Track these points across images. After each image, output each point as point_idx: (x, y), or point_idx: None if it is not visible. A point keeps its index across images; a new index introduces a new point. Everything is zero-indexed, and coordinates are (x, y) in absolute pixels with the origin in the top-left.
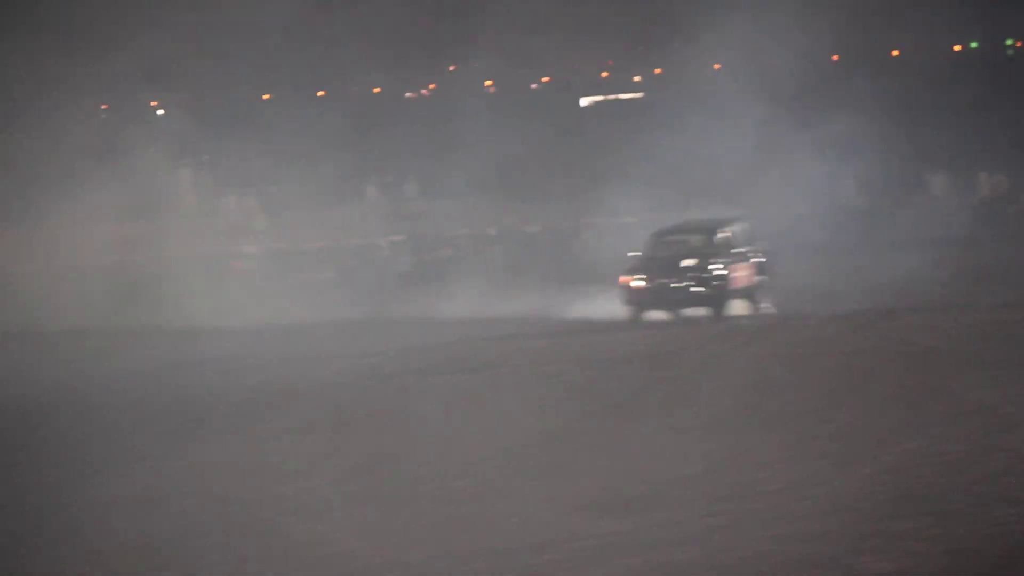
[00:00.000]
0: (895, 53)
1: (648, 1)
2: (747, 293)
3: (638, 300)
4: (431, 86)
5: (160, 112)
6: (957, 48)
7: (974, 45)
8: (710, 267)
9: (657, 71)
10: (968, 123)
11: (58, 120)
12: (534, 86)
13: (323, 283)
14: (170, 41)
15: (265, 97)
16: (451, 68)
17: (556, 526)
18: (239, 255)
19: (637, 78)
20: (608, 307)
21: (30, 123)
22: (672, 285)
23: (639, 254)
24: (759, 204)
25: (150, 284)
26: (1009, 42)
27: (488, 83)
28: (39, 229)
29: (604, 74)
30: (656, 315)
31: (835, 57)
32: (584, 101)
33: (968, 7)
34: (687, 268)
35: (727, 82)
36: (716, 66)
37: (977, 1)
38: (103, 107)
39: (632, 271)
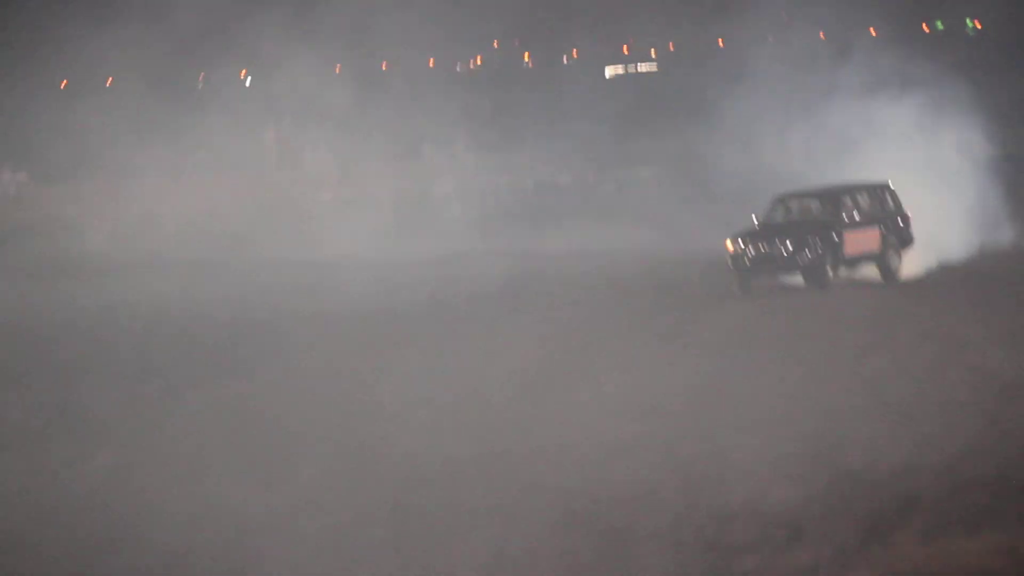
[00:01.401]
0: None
1: None
2: (872, 259)
3: (738, 266)
4: (479, 59)
5: (248, 81)
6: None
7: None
8: (818, 232)
9: (671, 47)
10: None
11: (161, 90)
12: (566, 59)
13: (388, 225)
14: (257, 20)
15: (337, 69)
16: (495, 44)
17: (584, 428)
18: (316, 201)
19: (653, 52)
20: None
21: (136, 93)
22: (773, 251)
23: (756, 218)
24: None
25: (241, 224)
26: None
27: (526, 56)
28: (147, 179)
29: (625, 49)
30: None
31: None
32: (608, 72)
33: None
34: (793, 233)
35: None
36: (720, 42)
37: None
38: (200, 77)
39: (736, 235)
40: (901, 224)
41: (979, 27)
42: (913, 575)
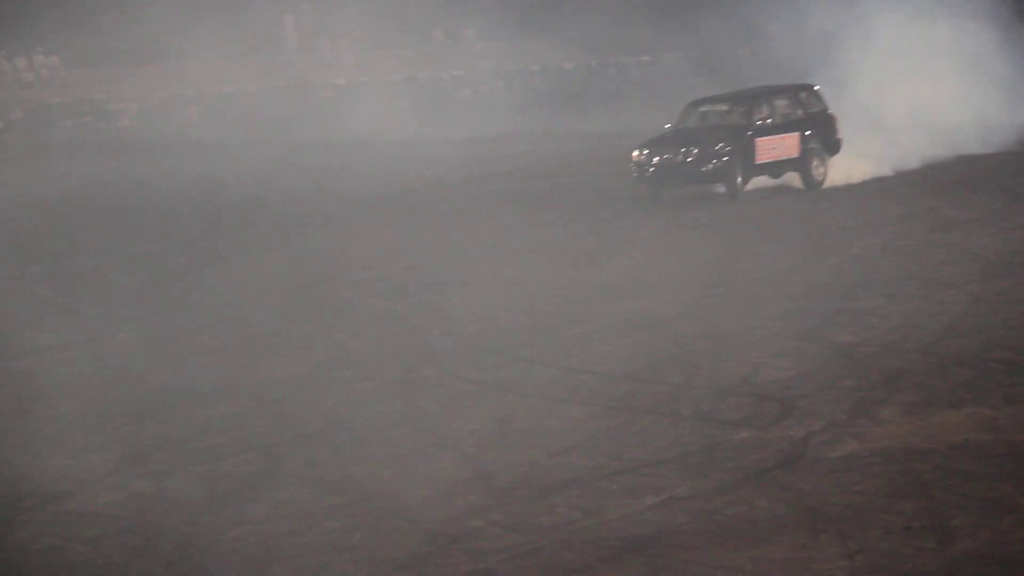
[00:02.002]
0: None
1: None
2: (791, 166)
3: (642, 175)
4: None
5: None
6: None
7: None
8: (724, 139)
9: None
10: None
11: None
12: None
13: (405, 109)
14: None
15: None
16: None
17: (584, 306)
18: (331, 86)
19: None
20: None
21: None
22: (676, 159)
23: (668, 125)
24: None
25: (260, 108)
26: None
27: None
28: (165, 64)
29: None
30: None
31: None
32: None
33: None
34: (698, 140)
35: None
36: None
37: None
38: None
39: (642, 144)
40: (826, 130)
41: None
42: (898, 448)
